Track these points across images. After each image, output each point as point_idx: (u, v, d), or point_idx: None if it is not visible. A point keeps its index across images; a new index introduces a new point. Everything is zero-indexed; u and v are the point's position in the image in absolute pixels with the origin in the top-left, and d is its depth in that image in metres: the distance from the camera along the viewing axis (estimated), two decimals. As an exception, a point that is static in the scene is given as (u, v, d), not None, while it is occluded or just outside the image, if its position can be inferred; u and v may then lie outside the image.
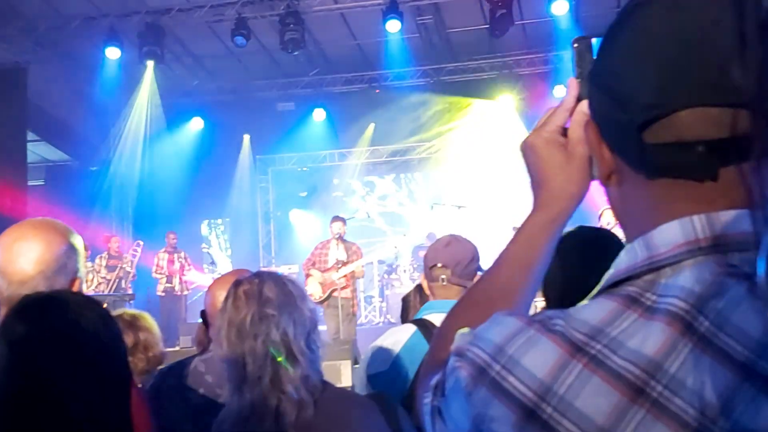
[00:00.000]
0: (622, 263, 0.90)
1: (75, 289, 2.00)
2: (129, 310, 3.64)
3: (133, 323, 3.43)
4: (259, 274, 2.25)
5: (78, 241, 2.05)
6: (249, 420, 2.04)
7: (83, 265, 2.09)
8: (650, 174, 0.89)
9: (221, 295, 2.79)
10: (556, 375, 0.81)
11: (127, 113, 14.22)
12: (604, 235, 2.10)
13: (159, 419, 2.57)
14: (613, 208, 1.00)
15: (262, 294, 2.14)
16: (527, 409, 0.81)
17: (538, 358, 0.83)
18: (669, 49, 0.85)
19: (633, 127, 0.87)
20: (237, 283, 2.22)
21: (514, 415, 0.82)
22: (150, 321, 3.52)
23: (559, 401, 0.80)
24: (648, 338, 0.80)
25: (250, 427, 2.04)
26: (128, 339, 3.35)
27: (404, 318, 4.40)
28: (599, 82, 0.94)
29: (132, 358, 3.31)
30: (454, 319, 1.14)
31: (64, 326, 1.43)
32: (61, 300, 1.52)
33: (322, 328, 10.97)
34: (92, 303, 1.52)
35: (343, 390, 2.55)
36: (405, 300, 4.30)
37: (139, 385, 2.86)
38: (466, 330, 0.96)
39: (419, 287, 4.41)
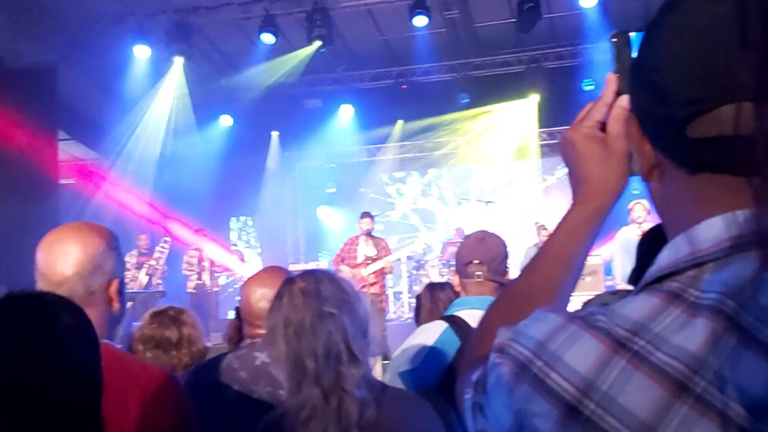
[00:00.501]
0: (664, 259, 0.89)
1: (113, 289, 2.03)
2: (173, 306, 3.69)
3: (177, 318, 3.49)
4: (313, 272, 2.22)
5: (116, 243, 2.08)
6: (310, 420, 2.02)
7: (122, 266, 2.13)
8: (692, 169, 0.89)
9: (255, 291, 2.81)
10: (598, 371, 0.81)
11: (153, 110, 14.31)
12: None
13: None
14: (655, 203, 1.00)
15: (320, 292, 2.12)
16: (570, 405, 0.81)
17: (580, 354, 0.83)
18: (709, 43, 0.84)
19: (675, 121, 0.86)
20: (290, 281, 2.19)
21: (556, 411, 0.82)
22: (193, 317, 3.58)
23: (602, 397, 0.80)
24: (691, 334, 0.79)
25: (311, 428, 2.02)
26: (172, 334, 3.42)
27: (417, 316, 4.42)
28: (641, 77, 0.94)
29: (176, 353, 3.38)
30: (493, 315, 1.14)
31: (36, 328, 1.41)
32: (37, 300, 1.50)
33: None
34: (71, 306, 1.51)
35: (400, 389, 2.55)
36: (418, 299, 4.32)
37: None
38: (506, 326, 0.96)
39: (429, 287, 4.43)
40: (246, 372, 2.70)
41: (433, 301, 4.22)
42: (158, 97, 14.08)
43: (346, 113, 16.78)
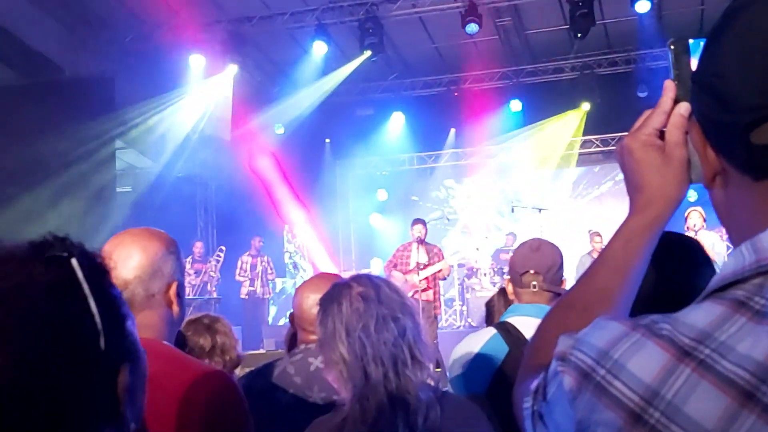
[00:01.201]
0: (728, 267, 0.88)
1: (172, 291, 2.07)
2: (209, 314, 3.71)
3: (211, 326, 3.50)
4: (368, 277, 2.21)
5: (174, 247, 2.12)
6: (376, 424, 2.01)
7: (182, 270, 2.16)
8: (757, 176, 0.88)
9: (308, 297, 2.83)
10: (663, 379, 0.80)
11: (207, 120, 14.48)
12: (687, 242, 2.05)
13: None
14: (718, 210, 0.99)
15: (381, 297, 2.12)
16: (634, 414, 0.81)
17: (644, 363, 0.82)
18: None
19: (739, 128, 0.85)
20: (346, 286, 2.18)
21: (620, 419, 0.82)
22: (227, 325, 3.57)
23: (667, 406, 0.79)
24: (758, 343, 0.78)
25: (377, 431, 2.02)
26: (205, 342, 3.42)
27: (489, 322, 4.38)
28: (704, 83, 0.93)
29: (209, 360, 3.38)
30: (551, 322, 1.14)
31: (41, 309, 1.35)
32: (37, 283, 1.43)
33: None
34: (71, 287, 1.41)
35: (456, 395, 2.55)
36: (489, 305, 4.27)
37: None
38: (567, 335, 0.96)
39: (503, 291, 4.39)
40: (301, 377, 2.72)
41: (507, 305, 4.20)
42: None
43: (397, 121, 16.80)
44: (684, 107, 1.05)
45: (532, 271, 3.03)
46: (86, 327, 0.91)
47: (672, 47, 1.08)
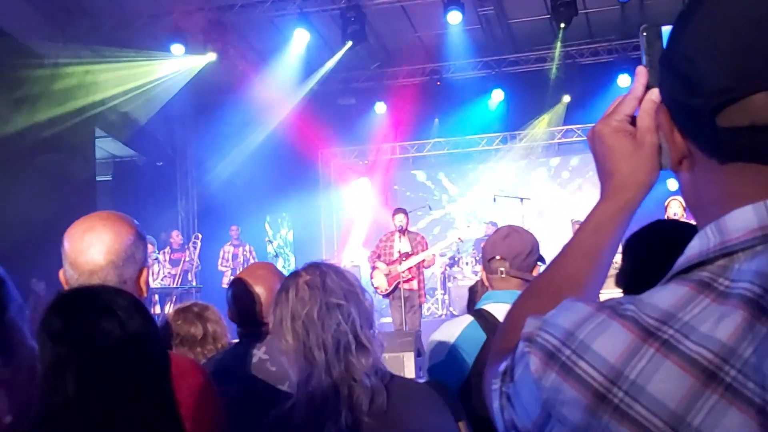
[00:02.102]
0: (694, 249, 0.89)
1: (143, 278, 2.04)
2: (197, 302, 3.70)
3: (202, 315, 3.49)
4: (317, 265, 2.23)
5: (143, 233, 2.10)
6: (322, 410, 2.04)
7: (147, 255, 2.14)
8: (723, 159, 0.88)
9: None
10: (627, 359, 0.80)
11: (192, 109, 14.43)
12: (683, 227, 2.05)
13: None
14: (684, 194, 0.99)
15: (326, 284, 2.14)
16: (598, 394, 0.81)
17: (609, 343, 0.82)
18: (741, 31, 0.83)
19: (706, 111, 0.86)
20: (295, 275, 2.21)
21: (585, 399, 0.82)
22: (217, 313, 3.57)
23: (631, 385, 0.79)
24: (721, 323, 0.79)
25: (323, 417, 2.03)
26: (197, 330, 3.42)
27: (470, 308, 4.40)
28: (671, 67, 0.93)
29: (201, 349, 3.37)
30: (520, 307, 1.14)
31: (104, 323, 1.41)
32: (98, 295, 1.50)
33: (386, 320, 11.02)
34: (130, 299, 1.51)
35: (407, 379, 2.56)
36: (472, 290, 4.29)
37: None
38: (534, 316, 0.96)
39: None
40: (273, 363, 2.71)
41: None
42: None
43: (380, 110, 16.79)
44: (655, 93, 1.05)
45: (498, 257, 3.06)
46: None
47: (645, 33, 1.08)
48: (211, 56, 13.18)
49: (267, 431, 2.15)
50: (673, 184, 1.07)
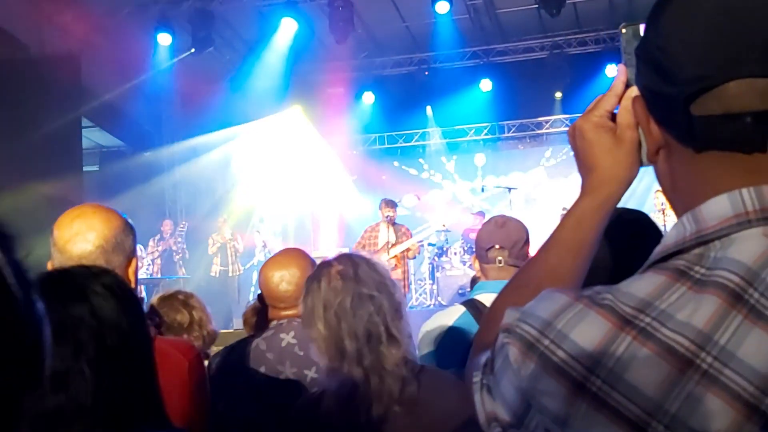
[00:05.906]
0: (670, 238, 0.90)
1: (131, 268, 2.06)
2: (181, 290, 3.71)
3: (187, 302, 3.51)
4: (350, 256, 2.26)
5: (132, 225, 2.12)
6: (352, 398, 2.07)
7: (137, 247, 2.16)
8: (698, 147, 0.89)
9: (274, 274, 2.84)
10: (604, 348, 0.81)
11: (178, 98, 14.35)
12: (640, 218, 2.07)
13: (223, 398, 2.62)
14: (662, 183, 1.00)
15: (359, 275, 2.17)
16: (577, 382, 0.82)
17: (586, 332, 0.83)
18: (714, 21, 0.84)
19: (680, 99, 0.86)
20: (327, 265, 2.24)
21: (564, 388, 0.83)
22: (200, 301, 3.60)
23: (608, 374, 0.80)
24: (697, 310, 0.80)
25: (353, 406, 2.06)
26: (183, 318, 3.44)
27: None
28: (646, 57, 0.94)
29: (188, 336, 3.39)
30: (503, 300, 1.15)
31: (73, 309, 1.37)
32: (74, 278, 1.46)
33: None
34: (111, 282, 1.47)
35: (436, 369, 2.58)
36: (474, 281, 4.27)
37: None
38: (514, 308, 0.97)
39: None
40: (273, 353, 2.73)
41: None
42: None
43: (368, 100, 16.74)
44: (635, 90, 1.06)
45: (497, 246, 3.05)
46: None
47: (623, 31, 1.09)
48: (198, 46, 13.09)
49: (294, 417, 2.18)
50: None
